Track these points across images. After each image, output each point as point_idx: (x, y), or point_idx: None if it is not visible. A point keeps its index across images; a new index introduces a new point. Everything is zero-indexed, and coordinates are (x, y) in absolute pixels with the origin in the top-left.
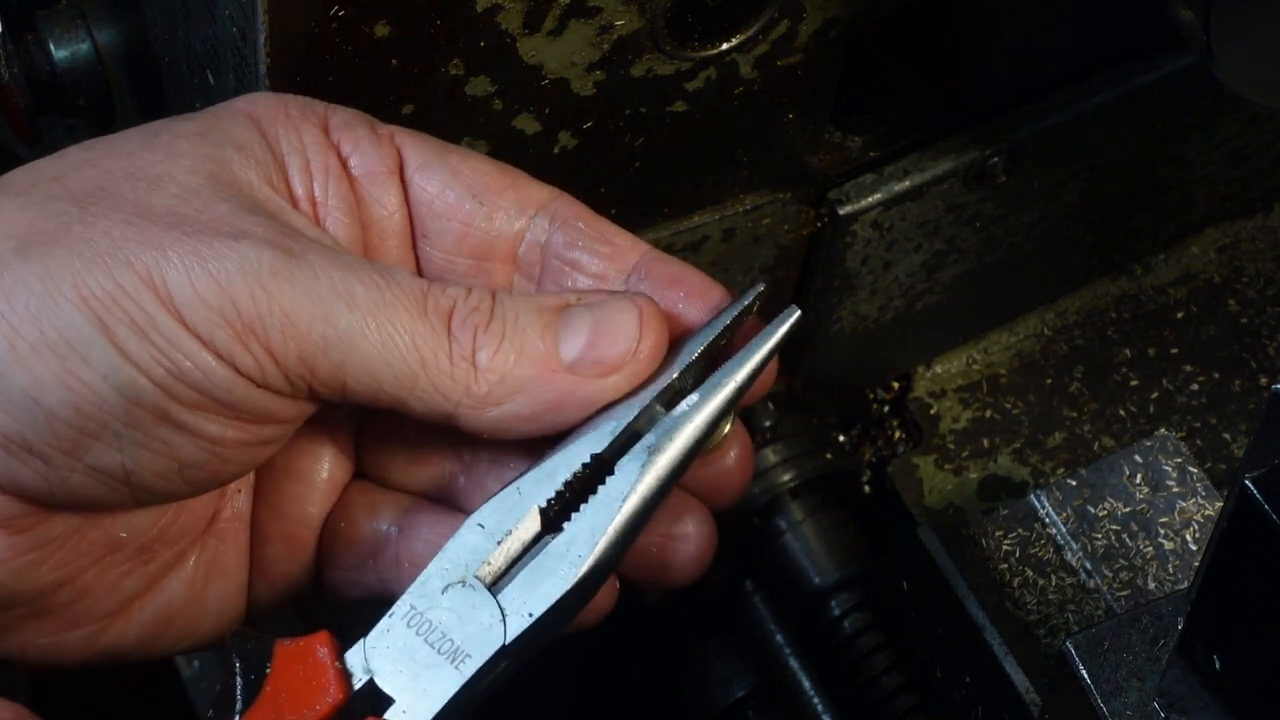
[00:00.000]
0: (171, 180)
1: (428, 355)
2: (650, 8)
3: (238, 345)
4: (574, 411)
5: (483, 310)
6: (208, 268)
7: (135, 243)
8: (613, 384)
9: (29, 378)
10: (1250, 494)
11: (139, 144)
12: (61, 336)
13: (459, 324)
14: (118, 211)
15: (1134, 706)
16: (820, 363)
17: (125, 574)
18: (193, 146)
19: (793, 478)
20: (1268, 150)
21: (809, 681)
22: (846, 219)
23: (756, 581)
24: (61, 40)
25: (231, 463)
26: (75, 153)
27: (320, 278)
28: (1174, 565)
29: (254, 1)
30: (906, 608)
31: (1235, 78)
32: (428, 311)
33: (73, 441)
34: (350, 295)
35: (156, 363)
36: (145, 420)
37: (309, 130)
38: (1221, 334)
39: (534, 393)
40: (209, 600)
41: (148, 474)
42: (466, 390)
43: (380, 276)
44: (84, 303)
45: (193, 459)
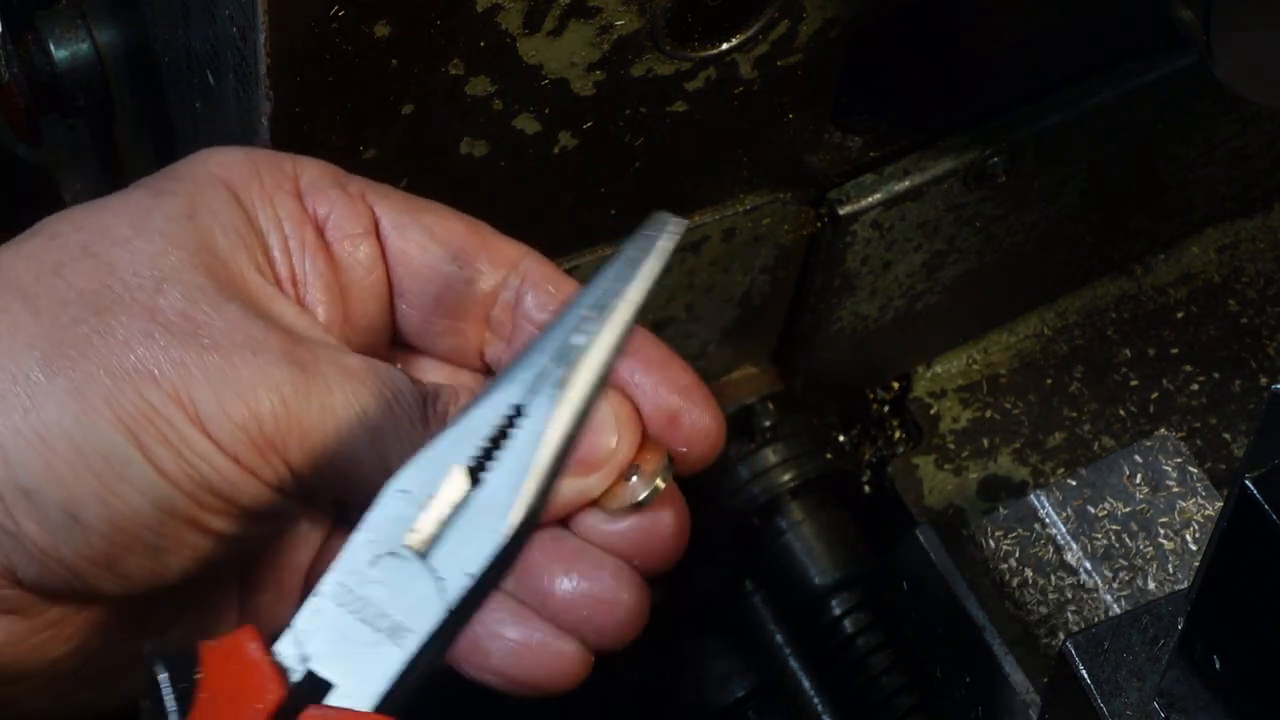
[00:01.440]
0: (176, 280)
1: None
2: (650, 8)
3: (259, 459)
4: (556, 509)
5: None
6: (231, 386)
7: (159, 359)
8: (595, 481)
9: (66, 494)
10: (1250, 494)
11: (132, 229)
12: (99, 454)
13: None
14: (133, 320)
15: (1134, 706)
16: (820, 363)
17: (132, 634)
18: (185, 234)
19: (793, 478)
20: (1268, 150)
21: (809, 681)
22: (846, 219)
23: (756, 581)
24: (61, 40)
25: (249, 551)
26: (69, 235)
27: (335, 394)
28: (1174, 565)
29: (254, 1)
30: (906, 608)
31: (1235, 78)
32: (430, 421)
33: (106, 555)
34: (364, 413)
35: (188, 476)
36: (178, 530)
37: (283, 200)
38: (1221, 334)
39: None
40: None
41: (173, 574)
42: None
43: (389, 388)
44: (119, 421)
45: (216, 557)
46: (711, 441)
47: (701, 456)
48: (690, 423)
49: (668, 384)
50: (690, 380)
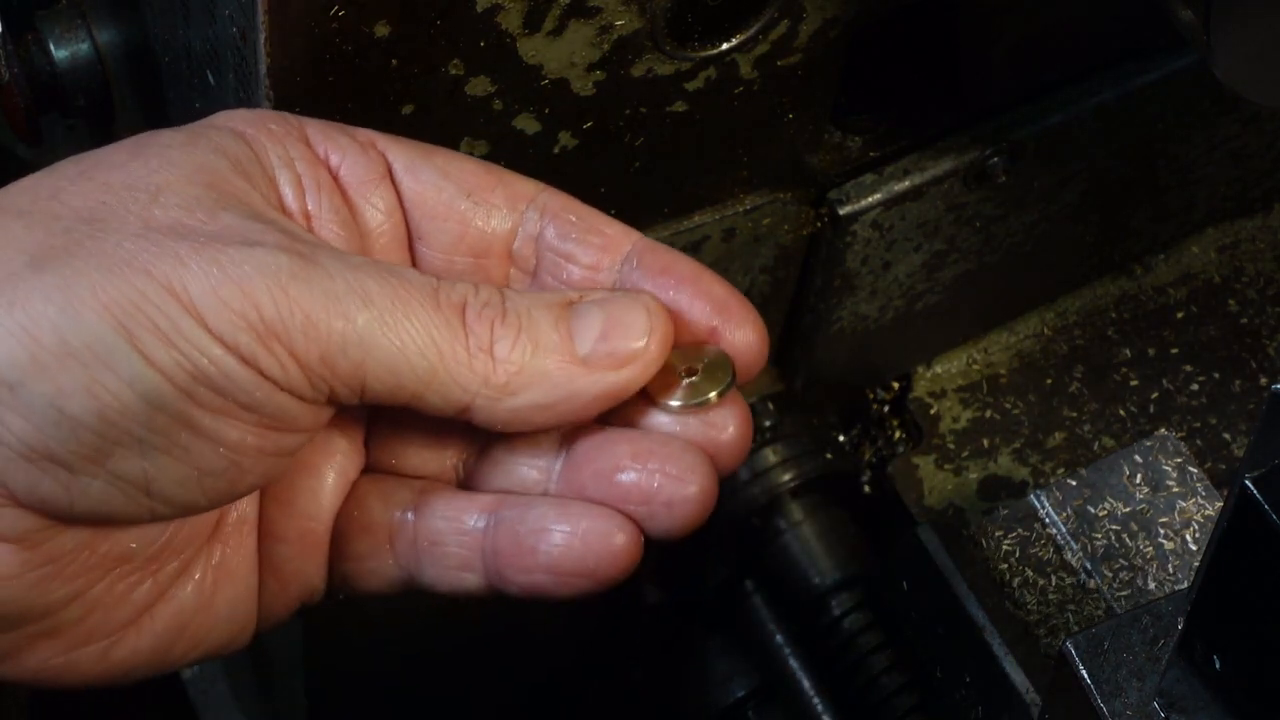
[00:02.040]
0: (171, 190)
1: (445, 348)
2: (650, 8)
3: (260, 348)
4: (587, 403)
5: (495, 304)
6: (228, 273)
7: (150, 253)
8: (625, 376)
9: (53, 387)
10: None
11: (129, 154)
12: (85, 345)
13: (474, 317)
14: (125, 225)
15: (1134, 706)
16: (820, 363)
17: (135, 584)
18: (185, 156)
19: (793, 478)
20: (1268, 150)
21: (809, 681)
22: (846, 219)
23: (756, 581)
24: (61, 40)
25: (250, 473)
26: (67, 167)
27: (335, 278)
28: (1174, 565)
29: (254, 1)
30: (906, 608)
31: (1235, 78)
32: (441, 306)
33: (96, 449)
34: (366, 293)
35: (180, 367)
36: (168, 426)
37: (294, 144)
38: (1221, 334)
39: (552, 383)
40: (219, 606)
41: (168, 482)
42: (485, 381)
43: (392, 274)
44: (106, 310)
45: (213, 467)
46: (754, 354)
47: (745, 370)
48: (731, 337)
49: (703, 299)
50: (725, 292)
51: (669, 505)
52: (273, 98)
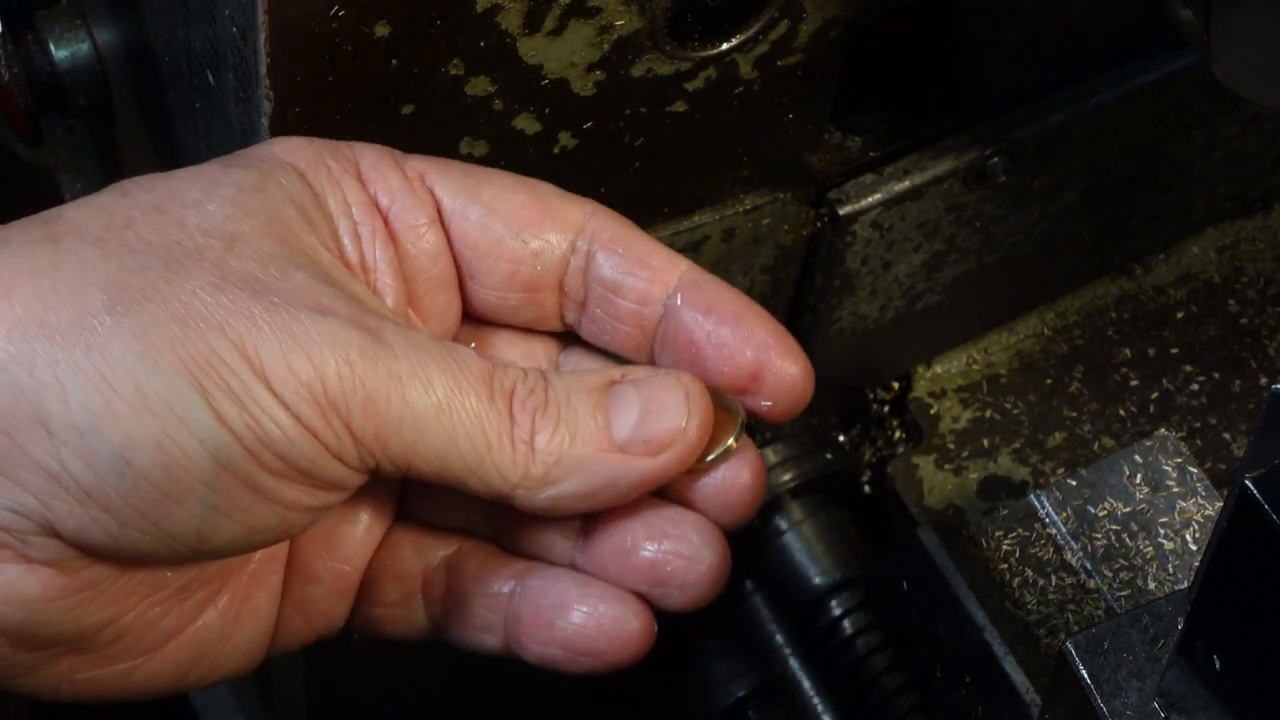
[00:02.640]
0: (246, 242)
1: (493, 439)
2: (650, 8)
3: (320, 420)
4: (624, 490)
5: (539, 392)
6: (299, 341)
7: (226, 309)
8: (663, 462)
9: (123, 437)
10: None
11: (203, 193)
12: (161, 397)
13: (519, 407)
14: (202, 273)
15: (1134, 706)
16: (820, 363)
17: (164, 612)
18: (258, 204)
19: (793, 478)
20: (1268, 150)
21: (809, 681)
22: (846, 219)
23: (756, 581)
24: (61, 40)
25: (294, 526)
26: (139, 194)
27: (400, 359)
28: (1174, 565)
29: (254, 1)
30: (906, 608)
31: (1235, 78)
32: (494, 396)
33: (155, 505)
34: (427, 378)
35: (249, 429)
36: (230, 486)
37: (350, 186)
38: (1221, 334)
39: (588, 473)
40: (238, 638)
41: (220, 540)
42: (525, 473)
43: (454, 360)
44: (183, 365)
45: (264, 525)
46: (799, 391)
47: (789, 409)
48: (774, 376)
49: (746, 337)
50: (770, 329)
51: (683, 587)
52: (273, 98)
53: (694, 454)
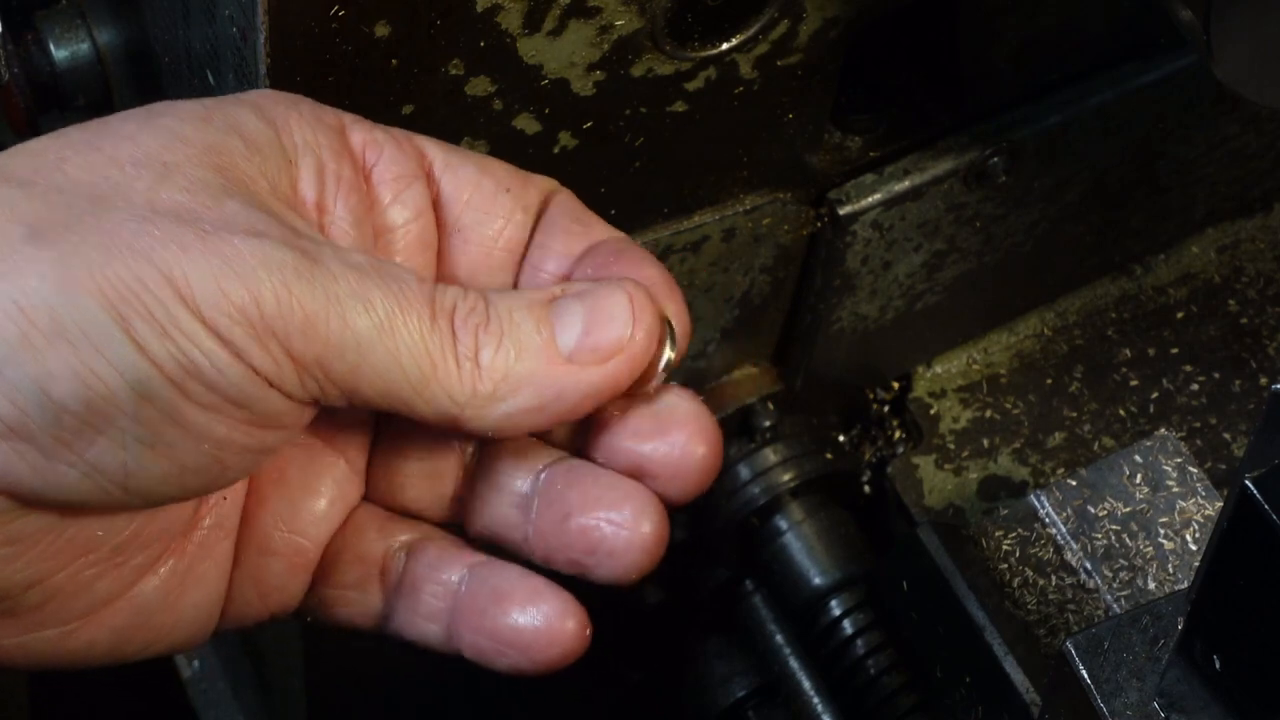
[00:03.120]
0: (180, 171)
1: (437, 358)
2: (650, 8)
3: (255, 345)
4: (574, 403)
5: (480, 310)
6: (232, 265)
7: (153, 237)
8: (612, 370)
9: (40, 368)
10: (1250, 494)
11: (139, 125)
12: (78, 327)
13: (461, 325)
14: (130, 205)
15: (1134, 706)
16: (820, 363)
17: (98, 575)
18: (197, 133)
19: (793, 478)
20: (1268, 150)
21: (809, 681)
22: (846, 219)
23: (756, 581)
24: (61, 40)
25: (230, 469)
26: (74, 134)
27: (339, 280)
28: (1174, 565)
29: (254, 1)
30: (906, 608)
31: (1235, 78)
32: (436, 315)
33: (77, 434)
34: (368, 299)
35: (172, 358)
36: (155, 418)
37: (324, 131)
38: (1221, 334)
39: (537, 386)
40: (182, 608)
41: (148, 476)
42: (473, 390)
43: (394, 280)
44: (101, 294)
45: (195, 463)
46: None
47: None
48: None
49: (635, 275)
50: (657, 273)
51: (611, 554)
52: None
53: (642, 360)
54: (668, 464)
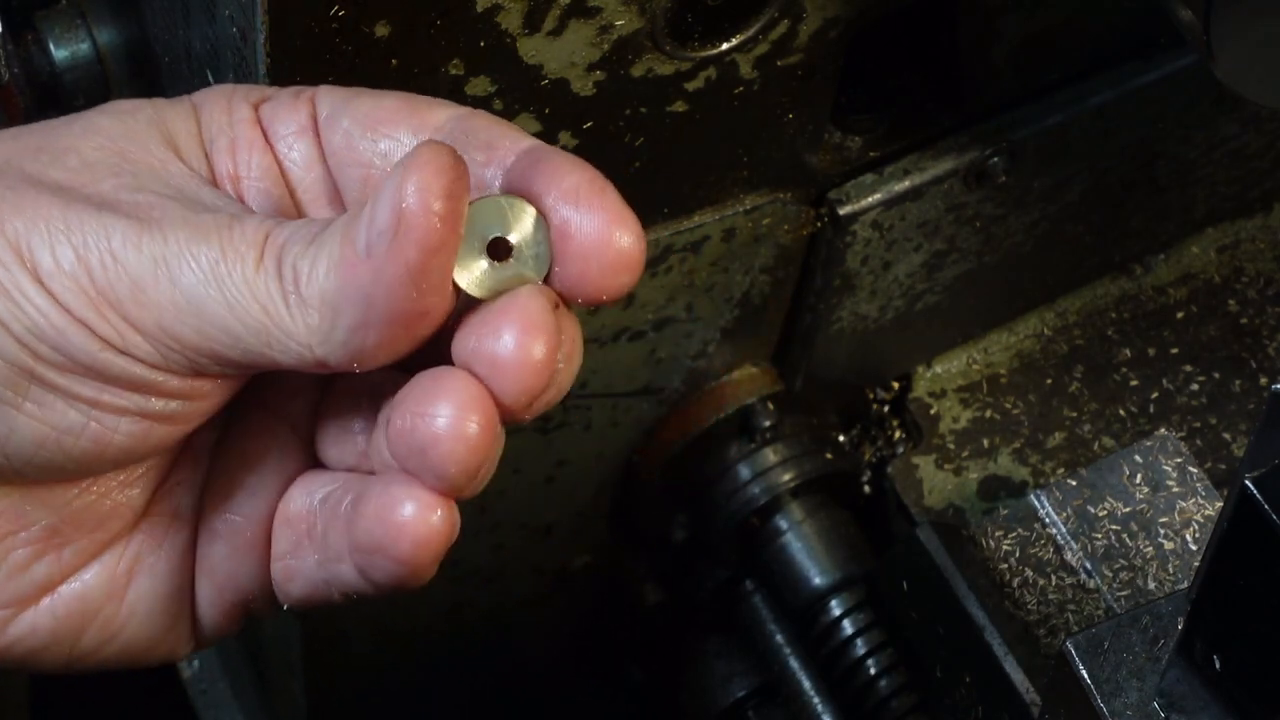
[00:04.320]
0: (75, 154)
1: (265, 301)
2: (650, 8)
3: (93, 312)
4: (388, 306)
5: (305, 237)
6: (69, 237)
7: (12, 207)
8: (404, 247)
9: None
10: (1250, 494)
11: (66, 121)
12: None
13: (285, 259)
14: (9, 180)
15: (1134, 706)
16: (820, 363)
17: (33, 557)
18: (113, 124)
19: (793, 478)
20: (1268, 150)
21: (809, 681)
22: (846, 219)
23: (756, 581)
24: (61, 40)
25: (119, 434)
26: (9, 129)
27: (169, 241)
28: (1174, 565)
29: (254, 2)
30: (906, 608)
31: (1235, 78)
32: (264, 256)
33: None
34: (194, 255)
35: (16, 319)
36: (11, 377)
37: (240, 108)
38: (1221, 334)
39: (349, 296)
40: (133, 599)
41: (24, 441)
42: (308, 326)
43: (227, 229)
44: None
45: (69, 425)
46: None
47: (606, 273)
48: (580, 232)
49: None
50: (581, 176)
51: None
52: None
53: (432, 228)
54: (491, 359)
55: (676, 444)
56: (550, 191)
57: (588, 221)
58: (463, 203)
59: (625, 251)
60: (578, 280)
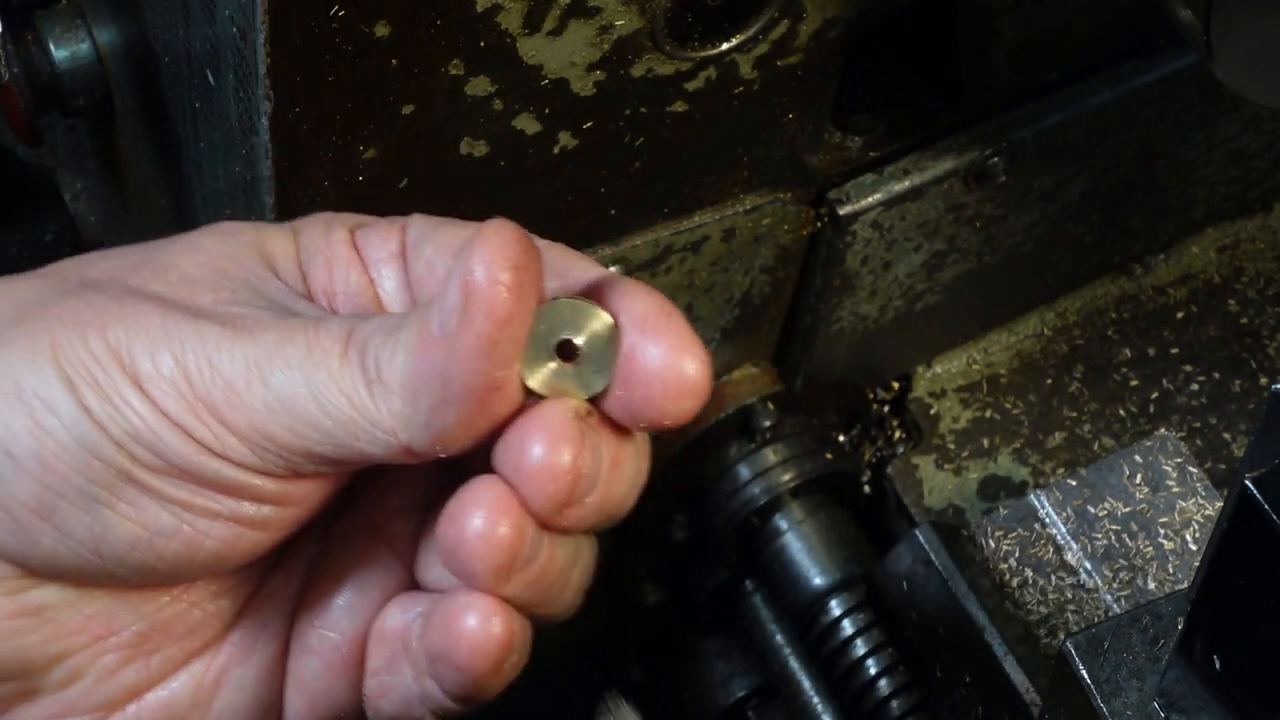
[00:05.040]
0: (176, 270)
1: (350, 392)
2: (650, 8)
3: (190, 416)
4: (462, 383)
5: (386, 328)
6: (166, 344)
7: (114, 314)
8: (472, 323)
9: (2, 428)
10: (1250, 494)
11: (170, 240)
12: (34, 391)
13: (367, 350)
14: (112, 292)
15: (1134, 706)
16: (820, 363)
17: (123, 662)
18: (214, 243)
19: (793, 478)
20: (1268, 150)
21: (809, 681)
22: (846, 219)
23: (756, 581)
24: (61, 40)
25: (211, 538)
26: (114, 249)
27: (260, 345)
28: (1174, 565)
29: (254, 2)
30: (906, 608)
31: (1235, 78)
32: (348, 349)
33: (39, 499)
34: (284, 356)
35: (114, 421)
36: (108, 478)
37: (337, 230)
38: (1221, 334)
39: (426, 376)
40: (218, 710)
41: (117, 541)
42: (391, 411)
43: (313, 329)
44: (57, 363)
45: (162, 526)
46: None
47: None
48: (647, 356)
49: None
50: (654, 303)
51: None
52: (272, 98)
53: (498, 301)
54: (516, 466)
55: (676, 444)
56: (620, 314)
57: (655, 346)
58: (529, 274)
59: (690, 378)
60: (642, 403)
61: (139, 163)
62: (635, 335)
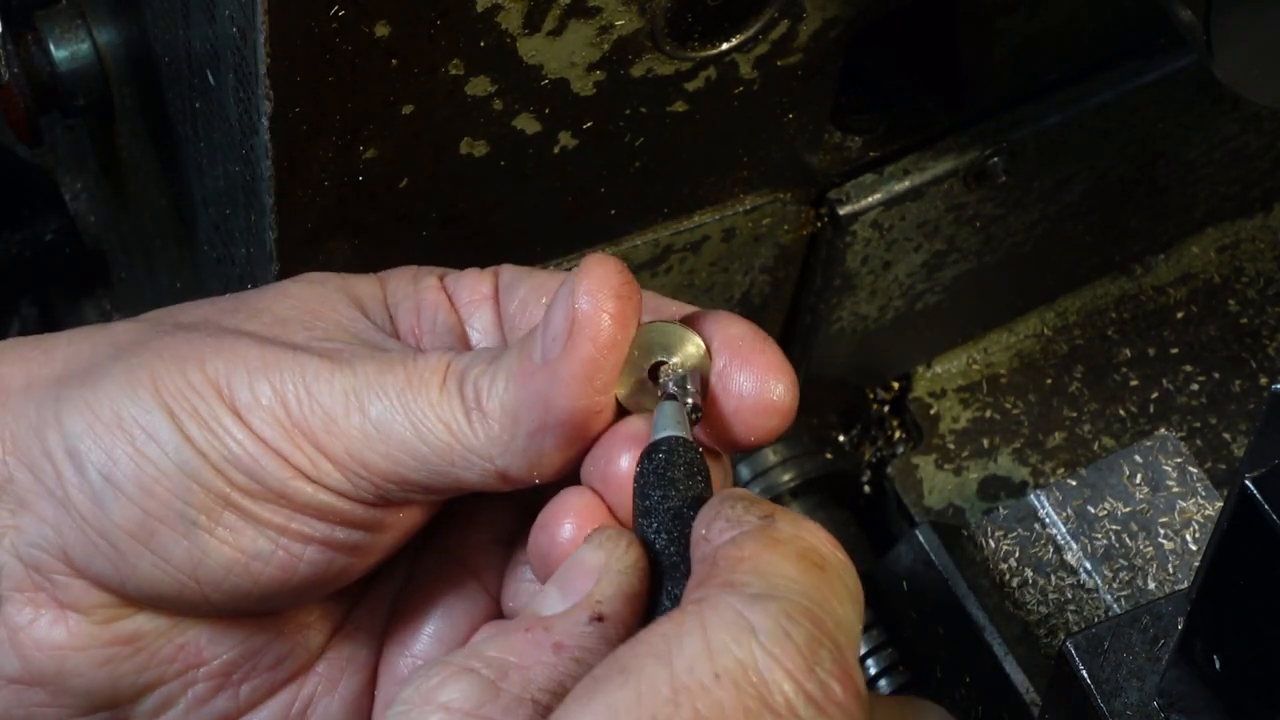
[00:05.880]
0: (269, 313)
1: (449, 420)
2: (650, 8)
3: (288, 443)
4: (564, 409)
5: (485, 358)
6: (265, 374)
7: (211, 349)
8: (576, 351)
9: (104, 456)
10: (1250, 494)
11: (260, 289)
12: (135, 419)
13: (466, 381)
14: (208, 331)
15: (1134, 706)
16: (820, 363)
17: (213, 691)
18: (303, 289)
19: (793, 478)
20: (1268, 150)
21: None
22: (846, 219)
23: None
24: (61, 40)
25: (304, 563)
26: (204, 300)
27: (358, 375)
28: (1174, 565)
29: (254, 1)
30: (906, 608)
31: (1235, 78)
32: (447, 380)
33: (139, 524)
34: (382, 386)
35: (213, 447)
36: (204, 500)
37: (426, 278)
38: (1221, 334)
39: (527, 403)
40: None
41: (214, 565)
42: (489, 437)
43: (411, 361)
44: (157, 393)
45: (258, 550)
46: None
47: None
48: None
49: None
50: (747, 329)
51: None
52: (272, 98)
53: (602, 331)
54: (604, 477)
55: None
56: (714, 338)
57: (748, 368)
58: (631, 304)
59: (779, 400)
60: (731, 421)
61: (139, 163)
62: (726, 357)
